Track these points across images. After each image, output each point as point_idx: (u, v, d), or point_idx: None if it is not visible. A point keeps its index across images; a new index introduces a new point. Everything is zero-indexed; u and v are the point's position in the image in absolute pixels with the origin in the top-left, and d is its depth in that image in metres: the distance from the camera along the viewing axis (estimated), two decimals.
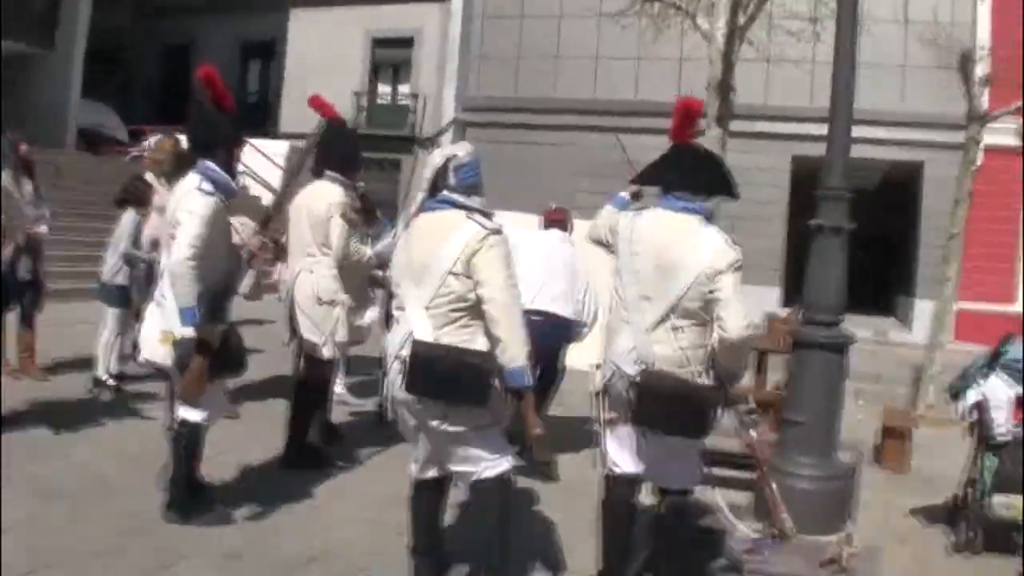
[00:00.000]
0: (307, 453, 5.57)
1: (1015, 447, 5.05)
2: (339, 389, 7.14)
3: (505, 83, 21.41)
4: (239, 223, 4.80)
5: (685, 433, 3.72)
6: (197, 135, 4.49)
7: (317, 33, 23.48)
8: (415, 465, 3.82)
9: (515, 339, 3.50)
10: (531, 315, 5.74)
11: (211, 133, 4.42)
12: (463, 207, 3.63)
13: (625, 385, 3.72)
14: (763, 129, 17.71)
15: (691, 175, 3.84)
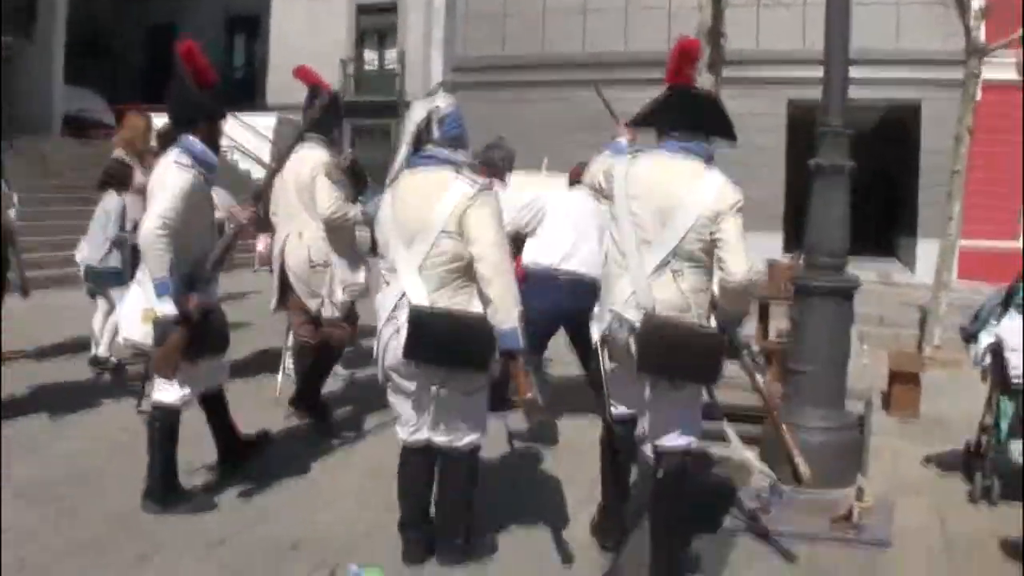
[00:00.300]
0: (319, 408, 5.64)
1: None
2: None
3: (493, 42, 21.03)
4: (217, 196, 4.67)
5: (693, 378, 3.59)
6: (177, 111, 4.38)
7: (301, 4, 23.13)
8: (403, 429, 3.73)
9: (507, 299, 3.40)
10: (561, 276, 5.64)
11: (191, 109, 4.32)
12: (450, 162, 3.54)
13: (627, 333, 3.53)
14: (757, 74, 17.34)
15: (690, 115, 3.68)
